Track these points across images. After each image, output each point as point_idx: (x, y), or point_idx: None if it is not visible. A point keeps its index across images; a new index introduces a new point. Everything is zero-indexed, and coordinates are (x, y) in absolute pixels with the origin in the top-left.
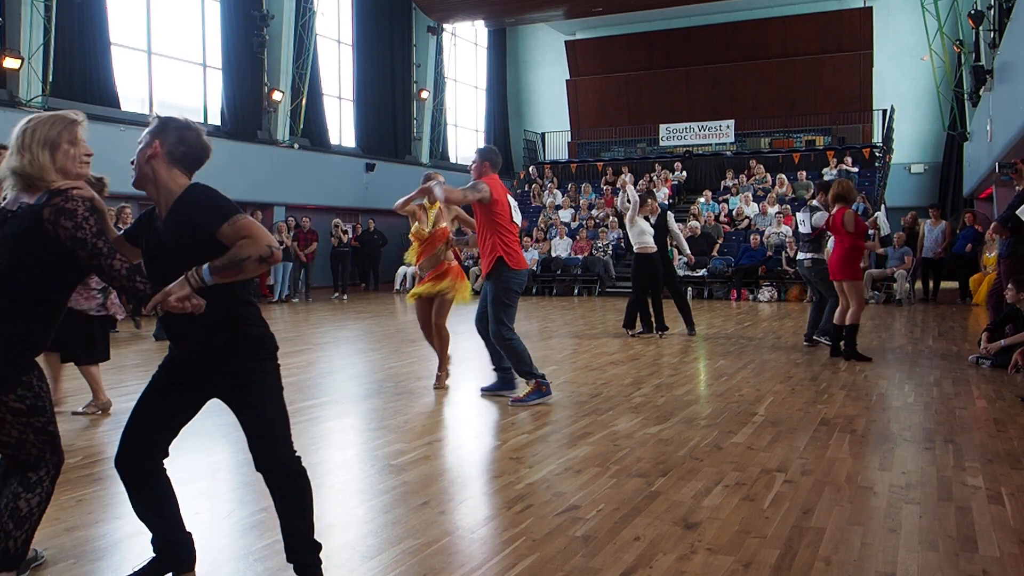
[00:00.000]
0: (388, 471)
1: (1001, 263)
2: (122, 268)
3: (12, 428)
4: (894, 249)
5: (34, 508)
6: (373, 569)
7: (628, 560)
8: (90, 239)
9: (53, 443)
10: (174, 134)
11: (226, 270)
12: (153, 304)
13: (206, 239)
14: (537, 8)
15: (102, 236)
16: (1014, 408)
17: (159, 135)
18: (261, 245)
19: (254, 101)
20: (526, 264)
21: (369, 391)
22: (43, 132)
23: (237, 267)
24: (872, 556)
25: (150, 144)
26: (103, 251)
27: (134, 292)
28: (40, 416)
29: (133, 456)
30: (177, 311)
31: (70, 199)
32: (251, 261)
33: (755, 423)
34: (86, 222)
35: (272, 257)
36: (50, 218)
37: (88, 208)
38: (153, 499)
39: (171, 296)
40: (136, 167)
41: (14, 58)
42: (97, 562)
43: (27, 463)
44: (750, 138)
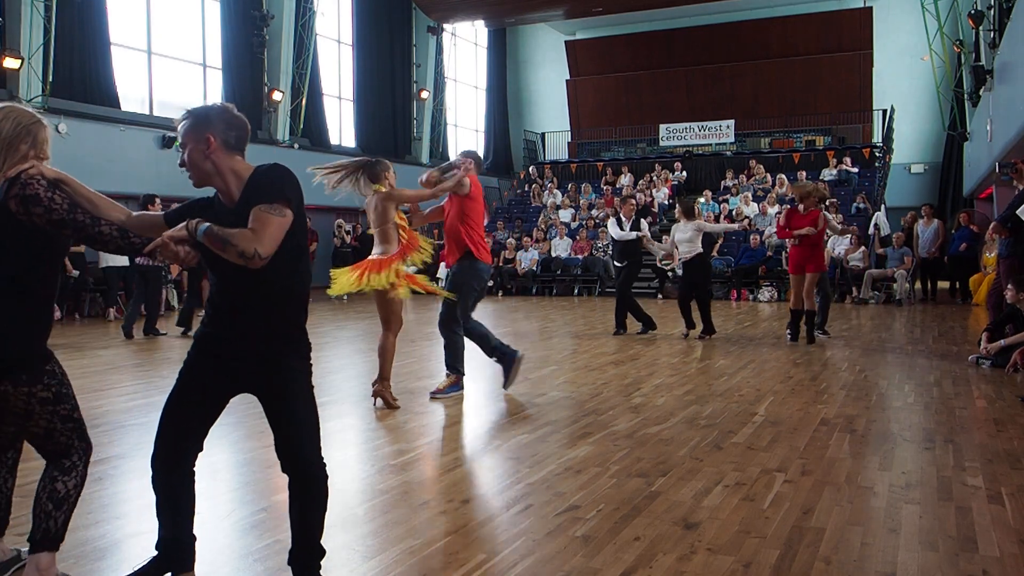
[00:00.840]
0: (388, 471)
1: (1001, 263)
2: (111, 231)
3: (40, 418)
4: (894, 249)
5: (71, 490)
6: (373, 569)
7: (628, 560)
8: (67, 216)
9: (80, 430)
10: (221, 123)
11: (215, 240)
12: (153, 247)
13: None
14: (537, 8)
15: (77, 208)
16: (1014, 408)
17: (208, 128)
18: (250, 245)
19: (254, 101)
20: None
21: (369, 391)
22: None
23: (222, 245)
24: (872, 556)
25: (202, 140)
26: (85, 222)
27: (130, 247)
28: (66, 403)
29: (171, 455)
30: (169, 256)
31: (26, 184)
32: (234, 250)
33: (755, 423)
34: (53, 202)
35: (250, 262)
36: (19, 210)
37: (47, 186)
38: (180, 499)
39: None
40: (192, 166)
41: (14, 58)
42: (97, 562)
43: (57, 452)
44: (750, 138)
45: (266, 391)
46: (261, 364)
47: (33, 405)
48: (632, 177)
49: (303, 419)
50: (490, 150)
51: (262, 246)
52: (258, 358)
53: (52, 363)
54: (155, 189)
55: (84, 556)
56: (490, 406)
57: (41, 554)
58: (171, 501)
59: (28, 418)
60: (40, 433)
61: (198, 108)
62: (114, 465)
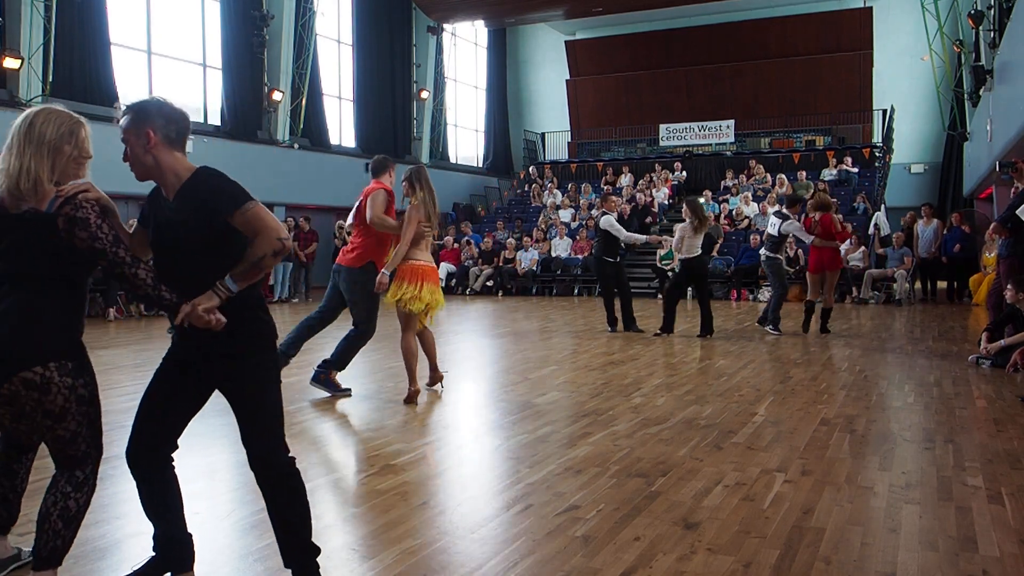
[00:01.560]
0: (388, 471)
1: (1001, 263)
2: (147, 278)
3: (72, 420)
4: (894, 249)
5: (82, 507)
6: (373, 569)
7: (628, 560)
8: (109, 249)
9: (98, 439)
10: (160, 117)
11: (248, 273)
12: (182, 317)
13: (219, 222)
14: (537, 8)
15: (120, 244)
16: (1014, 408)
17: (147, 123)
18: (272, 240)
19: (254, 101)
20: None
21: (369, 391)
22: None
23: (257, 267)
24: (872, 556)
25: (142, 134)
26: (125, 260)
27: (159, 301)
28: (95, 407)
29: (143, 449)
30: (202, 325)
31: (80, 207)
32: (268, 258)
33: (755, 423)
34: (100, 231)
35: (284, 248)
36: (65, 228)
37: (99, 213)
38: (161, 495)
39: (200, 307)
40: (134, 162)
41: (14, 58)
42: (97, 562)
43: (74, 459)
44: (750, 138)
45: (227, 386)
46: (220, 359)
47: (71, 403)
48: (632, 177)
49: (264, 412)
50: (490, 150)
51: (275, 231)
52: (218, 354)
53: (89, 361)
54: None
55: (84, 556)
56: (490, 406)
57: (44, 572)
58: (154, 498)
59: (62, 419)
60: (66, 437)
61: (137, 102)
62: (114, 465)
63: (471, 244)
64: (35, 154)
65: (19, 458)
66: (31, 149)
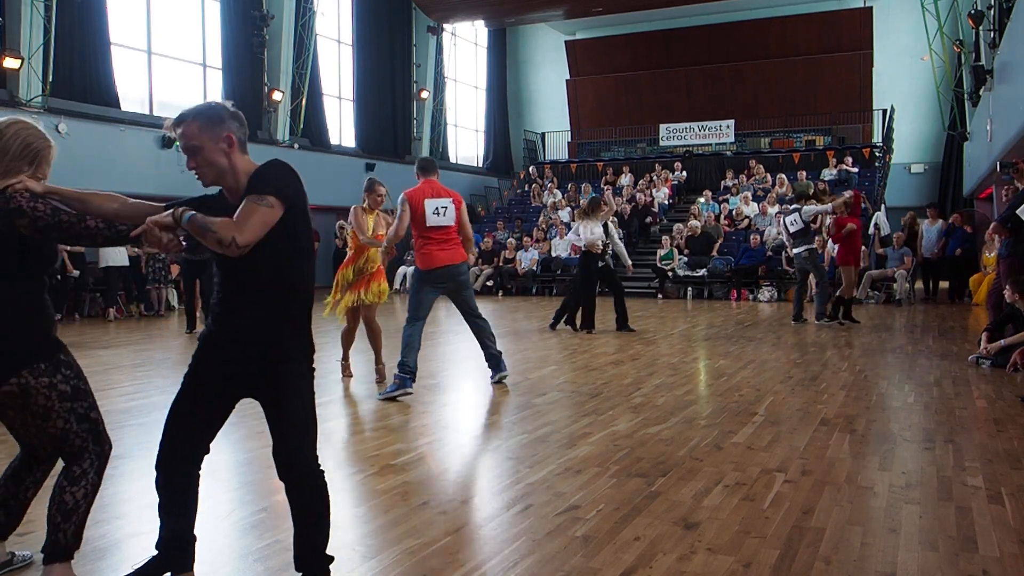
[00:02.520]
0: (388, 471)
1: (1001, 263)
2: (96, 223)
3: (58, 417)
4: (894, 249)
5: (80, 501)
6: (373, 569)
7: (628, 560)
8: (52, 220)
9: (96, 431)
10: (235, 121)
11: (197, 227)
12: (137, 232)
13: None
14: (537, 8)
15: (60, 211)
16: (1014, 408)
17: (225, 127)
18: (228, 233)
19: (254, 101)
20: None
21: (369, 391)
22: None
23: (202, 232)
24: (872, 556)
25: (222, 139)
26: (71, 220)
27: (117, 235)
28: (84, 400)
29: (175, 458)
30: (153, 242)
31: (10, 199)
32: (212, 236)
33: (755, 423)
34: (35, 211)
35: (227, 249)
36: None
37: (29, 198)
38: (182, 499)
39: (153, 221)
40: (207, 165)
41: (14, 58)
42: (97, 562)
43: (71, 455)
44: (750, 138)
45: (265, 393)
46: (261, 365)
47: (53, 400)
48: (632, 177)
49: (300, 421)
50: (490, 150)
51: (241, 234)
52: (258, 359)
53: (66, 354)
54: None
55: (84, 556)
56: (490, 406)
57: (54, 566)
58: (174, 503)
59: (47, 418)
60: (56, 435)
61: (204, 107)
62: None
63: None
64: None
65: (31, 467)
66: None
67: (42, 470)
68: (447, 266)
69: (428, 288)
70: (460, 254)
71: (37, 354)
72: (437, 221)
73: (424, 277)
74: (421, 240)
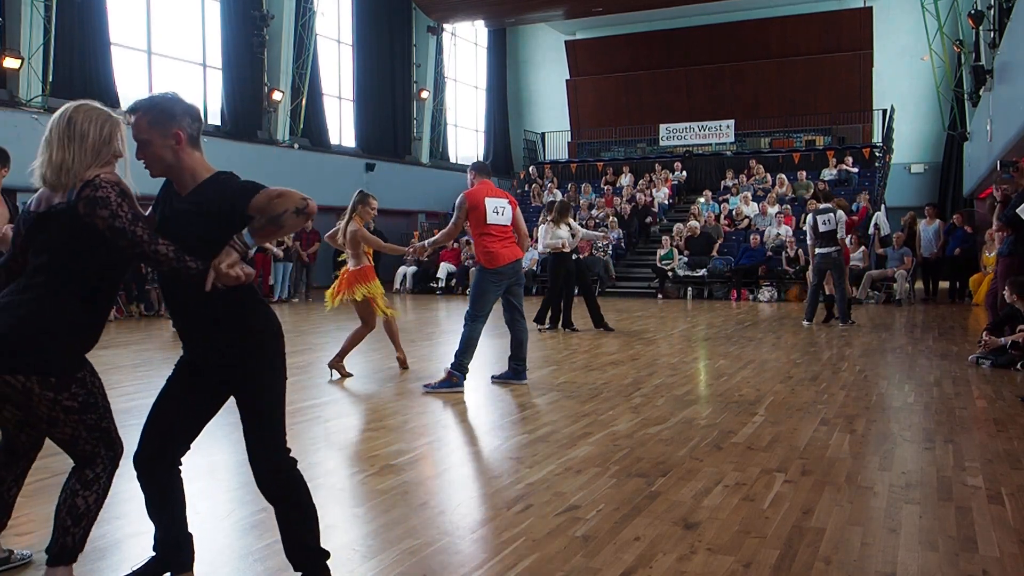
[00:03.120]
0: (388, 471)
1: (1001, 261)
2: (168, 251)
3: (65, 426)
4: (894, 249)
5: (91, 505)
6: (373, 569)
7: (628, 560)
8: (128, 227)
9: (107, 438)
10: (186, 116)
11: (266, 228)
12: (210, 282)
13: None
14: (537, 8)
15: (139, 221)
16: (1014, 408)
17: (175, 123)
18: (296, 198)
19: (254, 101)
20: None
21: (369, 391)
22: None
23: (276, 223)
24: (872, 556)
25: (170, 134)
26: (144, 238)
27: (186, 271)
28: (92, 413)
29: (152, 454)
30: (231, 282)
31: (99, 187)
32: (289, 214)
33: (755, 423)
34: (120, 208)
35: (308, 207)
36: (86, 212)
37: (119, 193)
38: (166, 499)
39: (221, 265)
40: (154, 160)
41: (14, 58)
42: (97, 562)
43: (82, 459)
44: (750, 138)
45: (238, 390)
46: (225, 369)
47: (58, 413)
48: (632, 177)
49: (267, 416)
50: (490, 150)
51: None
52: (221, 363)
53: (85, 372)
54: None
55: (84, 556)
56: (490, 406)
57: (58, 568)
58: (158, 500)
59: (53, 424)
60: (65, 440)
61: (157, 99)
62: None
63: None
64: (78, 151)
65: (10, 463)
66: (74, 146)
67: (22, 466)
68: (511, 263)
69: (493, 286)
70: (518, 251)
71: (53, 367)
72: (497, 219)
73: (491, 275)
74: (483, 238)
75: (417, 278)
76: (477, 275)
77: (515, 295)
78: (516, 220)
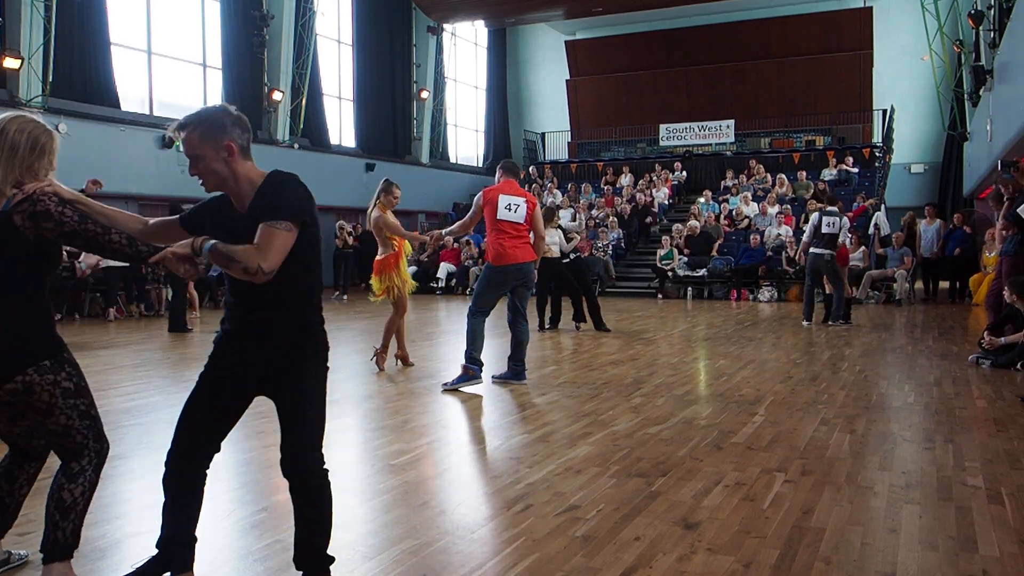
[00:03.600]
0: (388, 471)
1: (1005, 261)
2: (120, 239)
3: (61, 414)
4: (894, 249)
5: (78, 498)
6: (373, 569)
7: (628, 560)
8: (79, 227)
9: (96, 428)
10: (235, 128)
11: (220, 257)
12: (156, 259)
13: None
14: (537, 8)
15: (87, 220)
16: (1014, 408)
17: (226, 135)
18: (254, 260)
19: (254, 101)
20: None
21: (369, 391)
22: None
23: (227, 261)
24: (872, 556)
25: (222, 147)
26: (96, 231)
27: (137, 255)
28: (85, 397)
29: (187, 457)
30: (172, 269)
31: (37, 201)
32: (238, 266)
33: (755, 423)
34: (63, 216)
35: (254, 277)
36: (26, 224)
37: (57, 202)
38: (187, 501)
39: (172, 252)
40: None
41: (14, 58)
42: (97, 562)
43: (71, 452)
44: (750, 138)
45: (281, 392)
46: (276, 365)
47: (56, 397)
48: (632, 177)
49: (311, 421)
50: (490, 150)
51: (266, 261)
52: (274, 359)
53: (68, 352)
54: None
55: (84, 556)
56: (490, 406)
57: (53, 565)
58: (179, 502)
59: (50, 414)
60: (58, 431)
61: (206, 114)
62: (114, 465)
63: (471, 244)
64: (6, 163)
65: (23, 465)
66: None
67: (34, 467)
68: (520, 264)
69: (497, 284)
70: (531, 253)
71: (43, 352)
72: (508, 216)
73: (495, 273)
74: (495, 235)
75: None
76: (484, 270)
77: (520, 297)
78: (533, 220)
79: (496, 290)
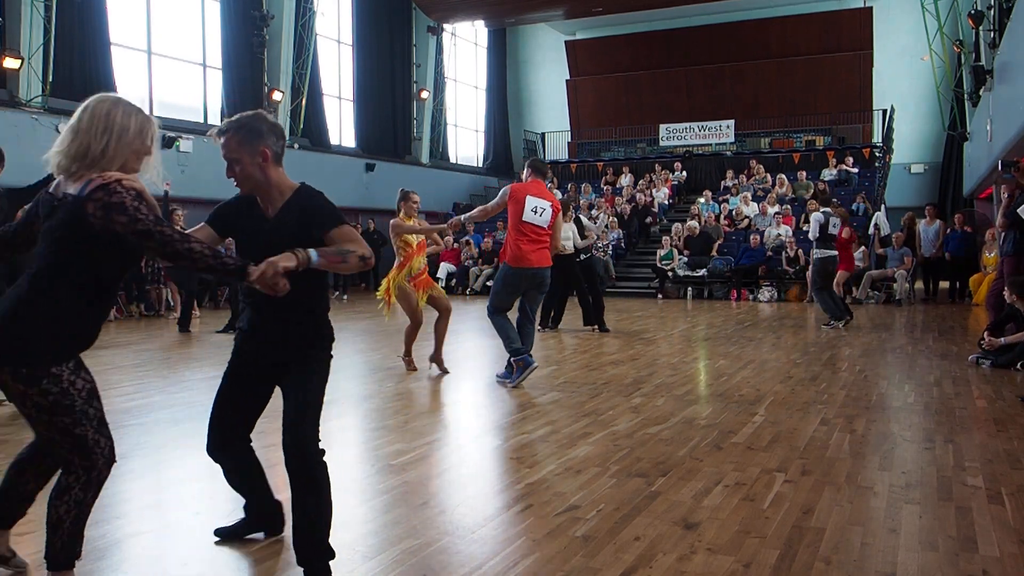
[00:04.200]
0: (388, 471)
1: (1007, 261)
2: (203, 249)
3: (38, 424)
4: (894, 250)
5: (63, 516)
6: (373, 569)
7: (628, 560)
8: (154, 228)
9: (82, 448)
10: (271, 135)
11: (332, 257)
12: (258, 274)
13: (316, 237)
14: (537, 8)
15: (162, 222)
16: (1014, 408)
17: (262, 141)
18: (366, 247)
19: (254, 101)
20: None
21: (369, 391)
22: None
23: (342, 257)
24: (872, 556)
25: (258, 153)
26: (174, 237)
27: (224, 269)
28: (65, 416)
29: (223, 443)
30: (269, 288)
31: (114, 192)
32: (355, 256)
33: (755, 423)
34: (139, 212)
35: (369, 260)
36: (96, 213)
37: (135, 196)
38: (245, 476)
39: (277, 265)
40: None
41: (14, 58)
42: (97, 562)
43: (61, 462)
44: (750, 138)
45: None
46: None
47: (28, 408)
48: (632, 177)
49: (310, 400)
50: (490, 150)
51: (368, 249)
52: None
53: (64, 368)
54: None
55: (84, 556)
56: (490, 406)
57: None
58: (234, 477)
59: (30, 419)
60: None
61: (246, 121)
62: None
63: (471, 244)
64: (116, 145)
65: (34, 458)
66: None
67: (47, 464)
68: (537, 269)
69: (511, 285)
70: (548, 258)
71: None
72: (532, 219)
73: (511, 274)
74: (515, 235)
75: None
76: (501, 269)
77: (532, 300)
78: (554, 226)
79: (511, 290)
